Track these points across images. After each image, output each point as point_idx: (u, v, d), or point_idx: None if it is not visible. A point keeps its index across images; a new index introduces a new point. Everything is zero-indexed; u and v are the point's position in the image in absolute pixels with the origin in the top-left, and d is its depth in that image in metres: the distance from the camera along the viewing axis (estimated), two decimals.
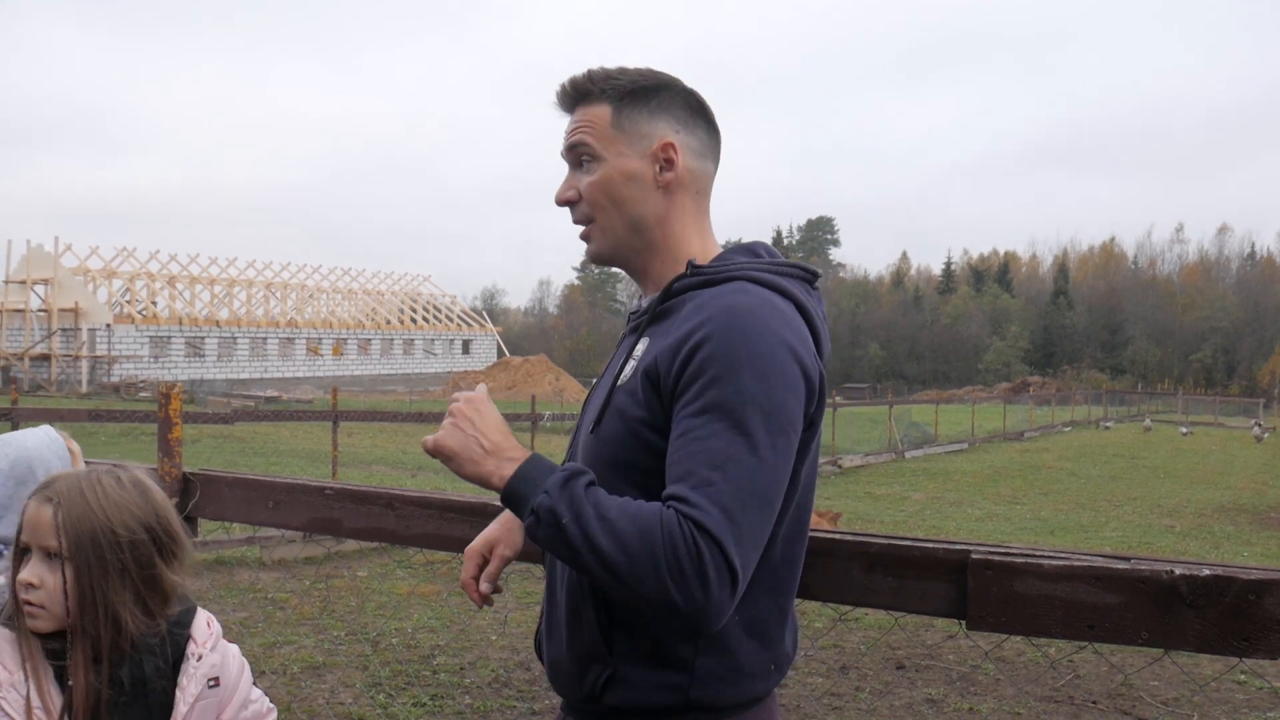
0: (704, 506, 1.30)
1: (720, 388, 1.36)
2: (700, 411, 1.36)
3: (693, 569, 1.28)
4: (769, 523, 1.37)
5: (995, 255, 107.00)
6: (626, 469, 1.46)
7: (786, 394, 1.38)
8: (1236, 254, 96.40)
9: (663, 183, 1.58)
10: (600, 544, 1.32)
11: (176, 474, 2.74)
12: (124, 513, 1.74)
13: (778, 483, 1.37)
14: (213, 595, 7.16)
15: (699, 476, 1.33)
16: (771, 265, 1.54)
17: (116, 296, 50.99)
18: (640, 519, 1.32)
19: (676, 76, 1.63)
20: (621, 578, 1.31)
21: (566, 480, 1.37)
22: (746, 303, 1.43)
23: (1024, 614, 1.63)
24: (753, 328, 1.40)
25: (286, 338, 57.31)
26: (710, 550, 1.29)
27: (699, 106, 1.63)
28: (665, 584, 1.29)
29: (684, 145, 1.59)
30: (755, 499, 1.34)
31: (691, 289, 1.51)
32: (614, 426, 1.48)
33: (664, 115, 1.59)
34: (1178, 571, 1.53)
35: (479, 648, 6.12)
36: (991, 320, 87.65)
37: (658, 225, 1.58)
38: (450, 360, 66.93)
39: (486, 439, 1.46)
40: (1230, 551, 11.49)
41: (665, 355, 1.43)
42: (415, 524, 2.31)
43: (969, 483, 18.65)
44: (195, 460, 15.36)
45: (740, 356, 1.37)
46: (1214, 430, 37.44)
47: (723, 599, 1.30)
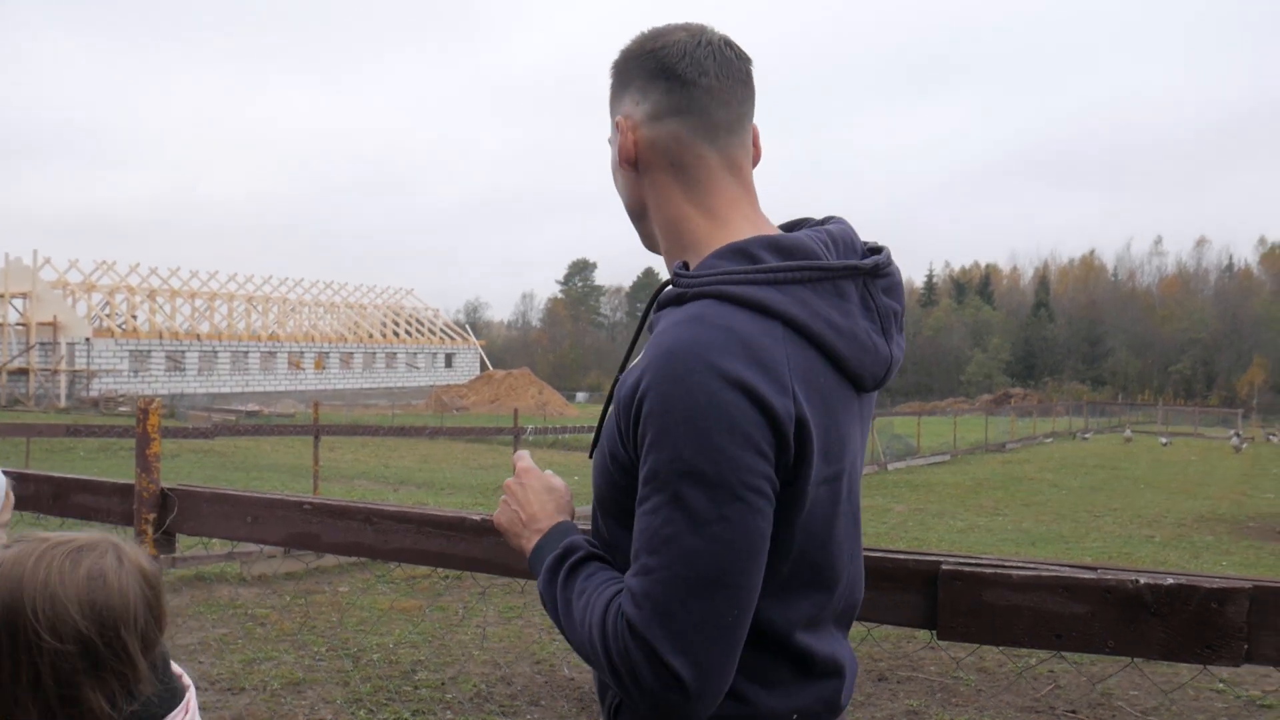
0: (638, 599, 1.18)
1: (660, 452, 1.18)
2: (646, 480, 1.20)
3: (625, 668, 1.19)
4: (732, 603, 1.18)
5: (977, 268, 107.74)
6: (608, 505, 1.36)
7: (735, 450, 1.15)
8: (1214, 266, 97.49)
9: (626, 164, 1.41)
10: (569, 637, 1.30)
11: (154, 489, 2.74)
12: (56, 609, 1.36)
13: (733, 557, 1.17)
14: (192, 611, 7.12)
15: (639, 562, 1.19)
16: (758, 273, 1.26)
17: (96, 310, 50.66)
18: (592, 612, 1.25)
19: (653, 35, 1.41)
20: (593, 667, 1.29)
21: (554, 566, 1.35)
22: (689, 338, 1.19)
23: (993, 624, 1.65)
24: (693, 370, 1.16)
25: (268, 352, 57.05)
26: (640, 651, 1.17)
27: (659, 67, 1.37)
28: (613, 684, 1.23)
29: (636, 116, 1.38)
30: (699, 586, 1.16)
31: (668, 303, 1.32)
32: (599, 458, 1.37)
33: (625, 91, 1.41)
34: (1142, 581, 1.56)
35: (460, 663, 6.10)
36: (973, 332, 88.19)
37: (647, 212, 1.43)
38: (433, 374, 66.77)
39: (524, 511, 1.46)
40: (1209, 561, 11.57)
41: (624, 400, 1.25)
42: (393, 539, 2.32)
43: (951, 494, 18.72)
44: (175, 475, 15.28)
45: (675, 412, 1.16)
46: (1194, 441, 37.71)
47: (672, 703, 1.17)
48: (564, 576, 1.32)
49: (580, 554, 1.34)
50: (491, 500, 15.58)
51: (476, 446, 27.04)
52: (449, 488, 17.42)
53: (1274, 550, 12.57)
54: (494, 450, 25.67)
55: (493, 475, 19.69)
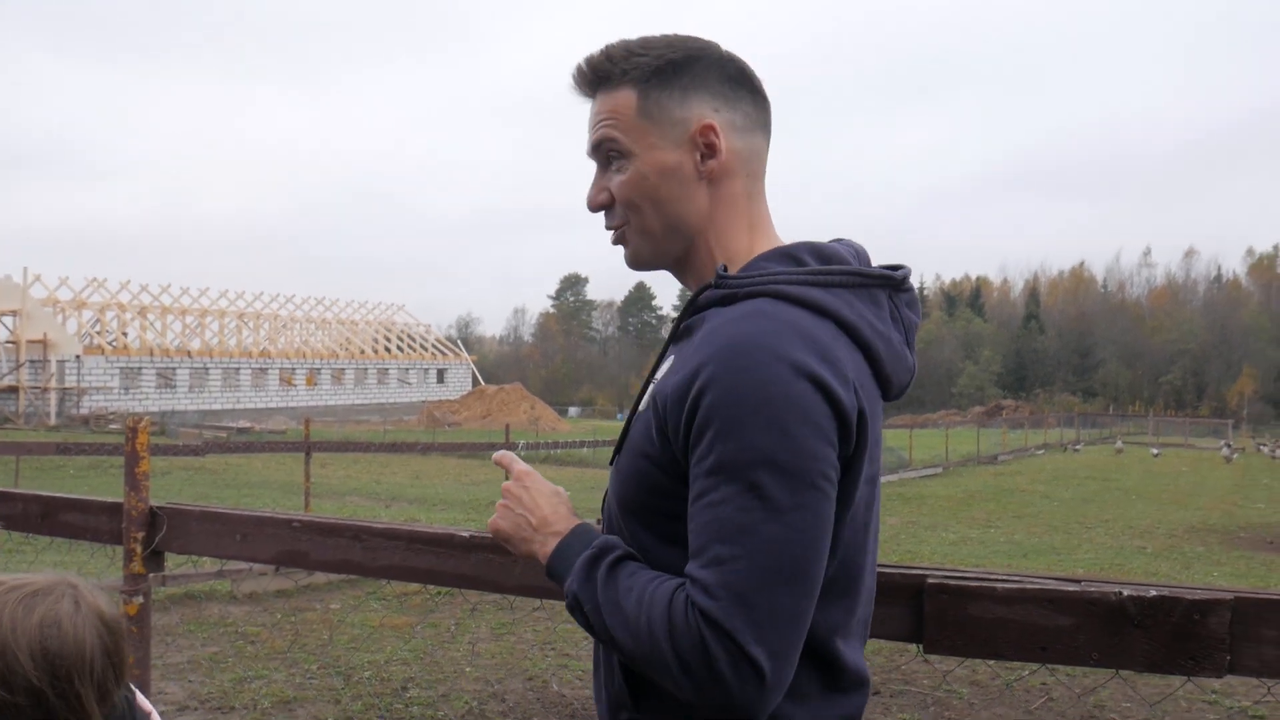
0: (713, 590, 1.15)
1: (727, 443, 1.17)
2: (710, 472, 1.19)
3: (701, 666, 1.15)
4: (806, 594, 1.18)
5: (967, 280, 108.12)
6: (639, 511, 1.32)
7: (810, 439, 1.17)
8: (1203, 277, 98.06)
9: (706, 172, 1.36)
10: (616, 636, 1.23)
11: (143, 508, 2.73)
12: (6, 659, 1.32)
13: (809, 545, 1.17)
14: (182, 630, 7.08)
15: (711, 553, 1.17)
16: (810, 274, 1.29)
17: (86, 327, 50.54)
18: (652, 607, 1.20)
19: (711, 41, 1.40)
20: (640, 666, 1.23)
21: (591, 563, 1.29)
22: (758, 330, 1.21)
23: (979, 637, 1.66)
24: (762, 363, 1.18)
25: (259, 368, 56.93)
26: (719, 643, 1.14)
27: (739, 74, 1.39)
28: (680, 680, 1.17)
29: (726, 124, 1.36)
30: (780, 573, 1.15)
31: (714, 304, 1.32)
32: (628, 462, 1.34)
33: (698, 92, 1.36)
34: (1126, 593, 1.57)
35: (451, 680, 6.08)
36: (964, 344, 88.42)
37: (703, 222, 1.37)
38: (425, 390, 66.68)
39: (534, 515, 1.39)
40: (1200, 572, 11.60)
41: (673, 398, 1.24)
42: (382, 555, 2.32)
43: (943, 506, 18.73)
44: (166, 493, 15.22)
45: (747, 403, 1.17)
46: (1184, 451, 37.83)
47: (748, 695, 1.15)
48: (604, 574, 1.27)
49: (619, 551, 1.29)
50: (484, 515, 15.54)
51: (468, 462, 26.99)
52: (441, 504, 17.38)
53: (1265, 560, 12.60)
54: (486, 466, 25.61)
55: (485, 491, 19.65)
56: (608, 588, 1.25)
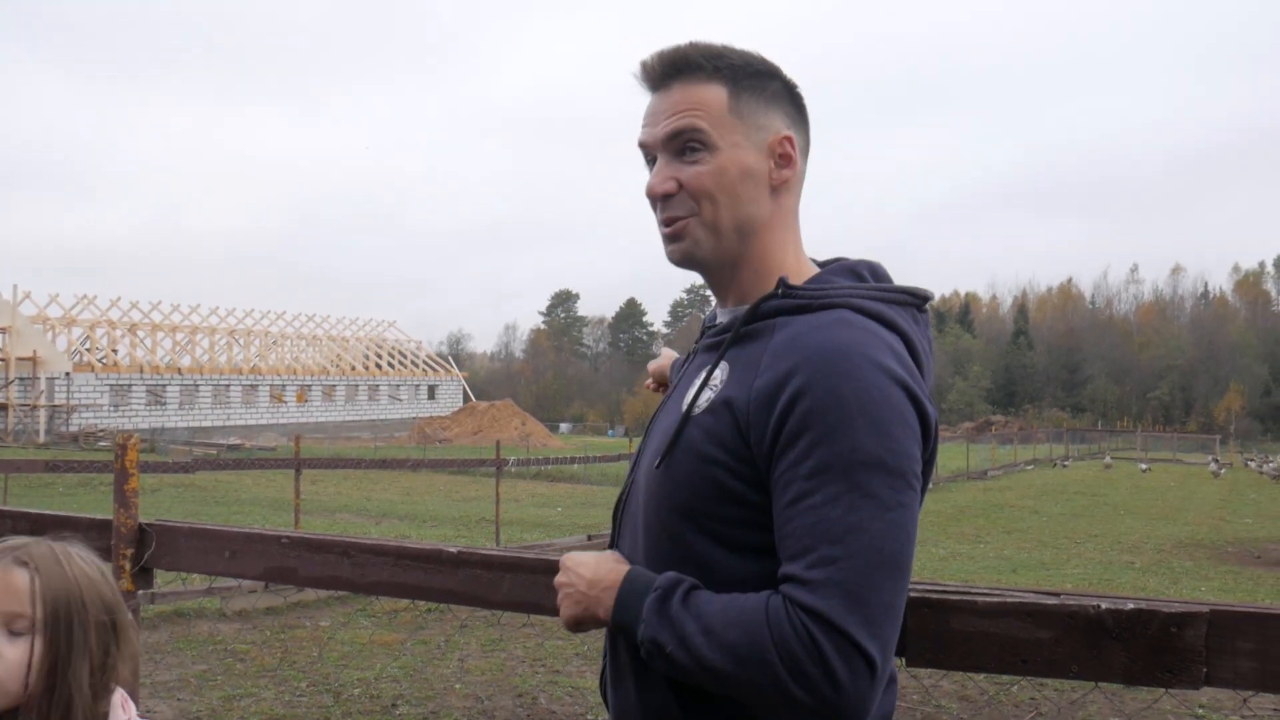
0: (821, 589, 1.17)
1: (831, 445, 1.20)
2: (812, 474, 1.20)
3: (815, 666, 1.15)
4: (904, 590, 1.23)
5: (956, 296, 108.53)
6: (698, 516, 1.31)
7: (907, 440, 1.23)
8: (1190, 294, 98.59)
9: (777, 181, 1.41)
10: (710, 663, 1.21)
11: (132, 525, 2.74)
12: (96, 591, 1.62)
13: (910, 541, 1.23)
14: (171, 647, 7.06)
15: (817, 553, 1.18)
16: (878, 291, 1.36)
17: (76, 345, 50.36)
18: (746, 621, 1.20)
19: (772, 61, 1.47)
20: (742, 691, 1.21)
21: (661, 602, 1.27)
22: (851, 339, 1.26)
23: (960, 650, 1.68)
24: (861, 369, 1.23)
25: (250, 385, 56.77)
26: (831, 641, 1.15)
27: (802, 102, 1.47)
28: (787, 688, 1.16)
29: (799, 142, 1.44)
30: (886, 568, 1.19)
31: (782, 312, 1.35)
32: (686, 465, 1.32)
33: (779, 106, 1.42)
34: (1104, 606, 1.59)
35: (441, 696, 6.07)
36: (954, 360, 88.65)
37: (762, 230, 1.41)
38: (416, 406, 66.55)
39: (583, 582, 1.39)
40: (1188, 587, 11.63)
41: (758, 401, 1.26)
42: (370, 571, 2.33)
43: (933, 522, 18.76)
44: (156, 510, 15.15)
45: (851, 405, 1.21)
46: (1173, 467, 37.97)
47: (861, 690, 1.16)
48: (679, 608, 1.26)
49: (687, 584, 1.28)
50: (475, 532, 15.51)
51: (459, 478, 26.92)
52: (432, 520, 17.34)
53: (1252, 575, 12.65)
54: (477, 482, 25.57)
55: (475, 507, 19.61)
56: (689, 619, 1.24)
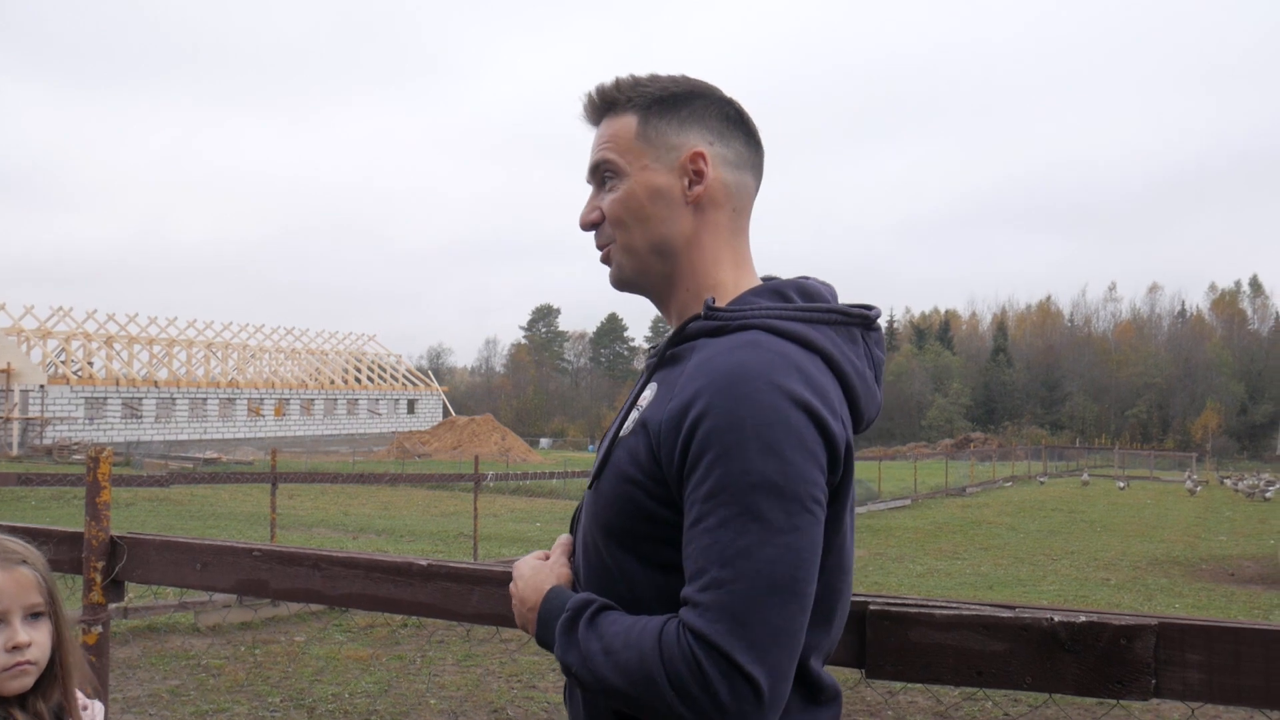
0: (708, 613, 1.19)
1: (726, 467, 1.21)
2: (708, 496, 1.22)
3: (699, 689, 1.18)
4: (800, 613, 1.22)
5: (936, 314, 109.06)
6: (621, 535, 1.35)
7: (804, 464, 1.23)
8: (1167, 312, 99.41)
9: (692, 198, 1.43)
10: (610, 683, 1.25)
11: (104, 537, 2.74)
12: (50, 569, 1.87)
13: (803, 566, 1.22)
14: (143, 663, 7.01)
15: (708, 576, 1.21)
16: (798, 310, 1.36)
17: (51, 357, 49.94)
18: (641, 643, 1.23)
19: (714, 85, 1.50)
20: (640, 711, 1.25)
21: (570, 624, 1.32)
22: (755, 361, 1.26)
23: (918, 662, 1.71)
24: (759, 392, 1.23)
25: (227, 398, 56.43)
26: (713, 663, 1.17)
27: (736, 116, 1.48)
28: (676, 709, 1.19)
29: (717, 156, 1.44)
30: (775, 593, 1.19)
31: (703, 334, 1.37)
32: (611, 486, 1.36)
33: (696, 124, 1.45)
34: (1056, 619, 1.63)
35: (416, 712, 6.05)
36: (934, 377, 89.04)
37: (686, 247, 1.44)
38: (395, 420, 66.30)
39: (518, 598, 1.49)
40: (1163, 603, 11.73)
41: (668, 424, 1.29)
42: (341, 584, 2.35)
43: (911, 539, 18.83)
44: (130, 524, 15.02)
45: (746, 428, 1.21)
46: (1149, 484, 38.22)
47: (745, 713, 1.18)
48: (585, 629, 1.30)
49: (596, 604, 1.33)
50: (452, 547, 15.46)
51: (438, 493, 26.82)
52: (409, 535, 17.26)
53: (1225, 592, 12.75)
54: (455, 497, 25.47)
55: (454, 522, 19.54)
56: (592, 640, 1.28)
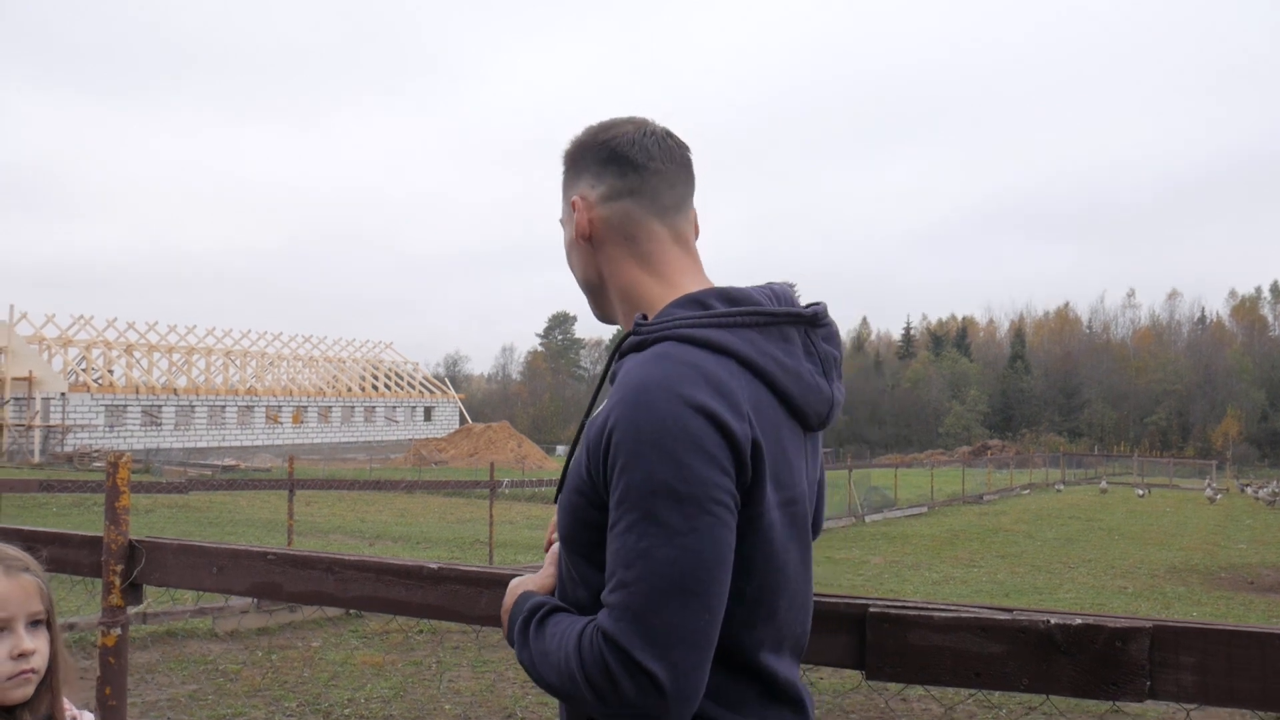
0: (614, 613, 1.29)
1: (629, 475, 1.29)
2: (618, 503, 1.31)
3: (604, 681, 1.28)
4: (703, 610, 1.28)
5: (954, 320, 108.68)
6: (575, 543, 1.45)
7: (703, 467, 1.28)
8: (1187, 318, 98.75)
9: (579, 239, 1.57)
10: (548, 681, 1.37)
11: (122, 541, 2.79)
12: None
13: (704, 566, 1.28)
14: (162, 667, 7.08)
15: (616, 578, 1.30)
16: (712, 318, 1.41)
17: (72, 365, 50.38)
18: (566, 642, 1.35)
19: (623, 124, 1.58)
20: (571, 703, 1.38)
21: (523, 628, 1.45)
22: (658, 373, 1.33)
23: (917, 664, 1.74)
24: (657, 402, 1.30)
25: (245, 406, 56.77)
26: (615, 659, 1.27)
27: (610, 154, 1.55)
28: (591, 701, 1.30)
29: (593, 197, 1.55)
30: (673, 593, 1.26)
31: (631, 349, 1.44)
32: (566, 499, 1.46)
33: (581, 174, 1.58)
34: (1053, 621, 1.65)
35: (430, 717, 6.09)
36: (951, 384, 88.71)
37: (603, 281, 1.57)
38: (412, 428, 66.52)
39: (503, 606, 1.59)
40: (1180, 612, 11.67)
41: (593, 439, 1.37)
42: (353, 587, 2.39)
43: (927, 546, 18.78)
44: (149, 530, 15.14)
45: (645, 435, 1.29)
46: (1169, 492, 37.97)
47: (650, 707, 1.27)
48: (534, 631, 1.42)
49: (546, 607, 1.44)
50: (469, 553, 15.52)
51: (454, 500, 26.92)
52: (425, 541, 17.34)
53: (1244, 600, 12.67)
54: (471, 504, 25.55)
55: (470, 529, 19.61)
56: (537, 641, 1.40)
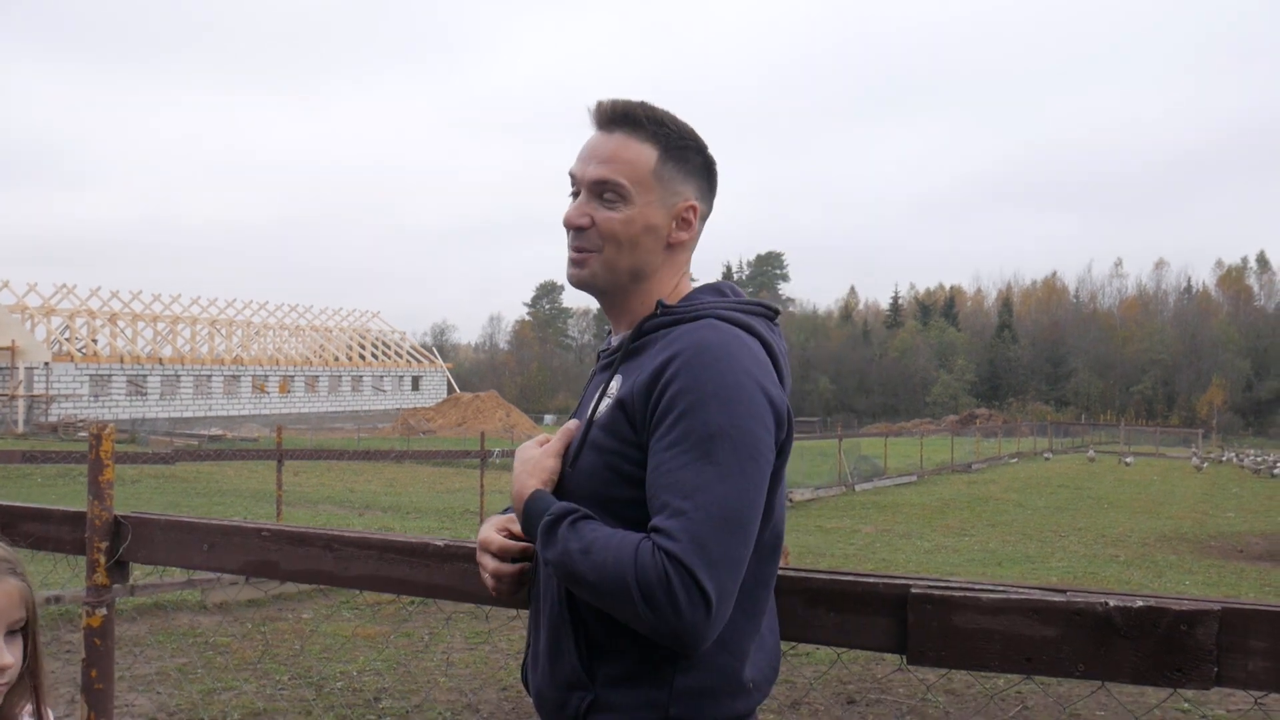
0: (675, 535, 1.40)
1: (690, 420, 1.45)
2: (674, 443, 1.46)
3: (664, 595, 1.38)
4: (745, 545, 1.44)
5: (941, 290, 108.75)
6: (606, 502, 1.54)
7: (753, 423, 1.47)
8: (1174, 288, 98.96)
9: (675, 240, 1.68)
10: (583, 575, 1.45)
11: (107, 517, 2.66)
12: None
13: (749, 506, 1.45)
14: (150, 640, 6.97)
15: (672, 507, 1.42)
16: (737, 304, 1.64)
17: (55, 334, 49.90)
18: (618, 548, 1.43)
19: (702, 138, 1.72)
20: (605, 603, 1.45)
21: (552, 525, 1.51)
22: (716, 338, 1.53)
23: (963, 648, 1.63)
24: (721, 361, 1.50)
25: (231, 375, 56.42)
26: (679, 576, 1.38)
27: (714, 176, 1.74)
28: (640, 610, 1.39)
29: (700, 211, 1.71)
30: (726, 524, 1.41)
31: (661, 328, 1.61)
32: (590, 461, 1.57)
33: (695, 178, 1.69)
34: (1112, 603, 1.54)
35: (425, 690, 6.01)
36: (938, 353, 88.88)
37: (651, 276, 1.68)
38: (399, 397, 66.28)
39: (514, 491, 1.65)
40: (1173, 580, 11.67)
41: (640, 388, 1.52)
42: (354, 565, 2.27)
43: (918, 515, 18.79)
44: (135, 502, 15.00)
45: (708, 389, 1.47)
46: (1155, 461, 38.16)
47: (697, 621, 1.39)
48: (567, 526, 1.49)
49: (581, 511, 1.52)
50: (458, 524, 15.44)
51: (443, 470, 26.82)
52: (415, 512, 17.25)
53: (1235, 569, 12.70)
54: (461, 473, 25.47)
55: (459, 499, 19.52)
56: (571, 539, 1.47)
